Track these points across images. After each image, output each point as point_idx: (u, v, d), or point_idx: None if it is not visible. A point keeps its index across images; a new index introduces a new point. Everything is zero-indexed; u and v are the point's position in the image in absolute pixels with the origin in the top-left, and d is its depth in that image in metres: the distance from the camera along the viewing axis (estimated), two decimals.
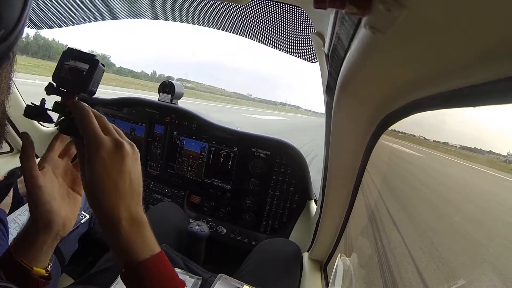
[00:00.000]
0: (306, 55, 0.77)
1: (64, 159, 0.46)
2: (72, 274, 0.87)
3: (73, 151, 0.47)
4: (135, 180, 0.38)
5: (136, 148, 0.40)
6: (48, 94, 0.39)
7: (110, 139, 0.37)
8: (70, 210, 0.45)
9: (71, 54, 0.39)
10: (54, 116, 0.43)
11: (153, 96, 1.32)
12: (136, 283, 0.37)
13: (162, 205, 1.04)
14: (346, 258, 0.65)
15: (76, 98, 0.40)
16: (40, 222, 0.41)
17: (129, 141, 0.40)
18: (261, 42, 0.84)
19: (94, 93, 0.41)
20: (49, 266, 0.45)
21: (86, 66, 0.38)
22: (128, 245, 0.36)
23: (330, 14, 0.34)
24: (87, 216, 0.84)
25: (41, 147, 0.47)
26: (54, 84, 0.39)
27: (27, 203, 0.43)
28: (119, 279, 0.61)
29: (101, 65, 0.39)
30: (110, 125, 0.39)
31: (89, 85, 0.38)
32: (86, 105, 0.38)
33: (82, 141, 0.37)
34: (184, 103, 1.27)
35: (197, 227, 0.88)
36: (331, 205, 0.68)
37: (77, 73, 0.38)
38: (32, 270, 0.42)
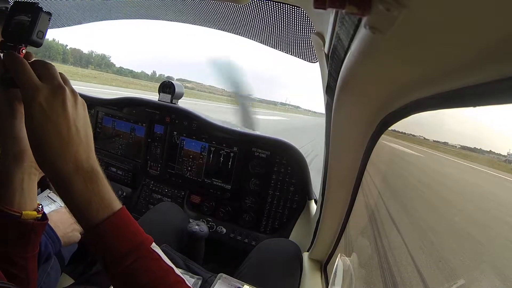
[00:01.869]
0: (306, 55, 0.77)
1: None
2: (72, 274, 0.87)
3: None
4: (82, 129, 0.36)
5: (79, 96, 0.38)
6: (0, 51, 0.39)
7: (47, 85, 0.35)
8: None
9: (18, 8, 0.39)
10: None
11: (153, 96, 1.32)
12: (96, 245, 0.35)
13: (162, 205, 1.04)
14: (346, 258, 0.65)
15: (24, 51, 0.39)
16: (10, 156, 0.40)
17: (72, 88, 0.38)
18: (261, 42, 0.84)
19: (40, 43, 0.39)
20: (39, 206, 0.44)
21: (29, 17, 0.38)
22: (81, 203, 0.34)
23: (330, 14, 0.34)
24: None
25: None
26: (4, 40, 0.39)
27: None
28: None
29: (44, 13, 0.38)
30: (53, 72, 0.36)
31: (32, 34, 0.38)
32: (19, 55, 0.36)
33: None
34: (184, 103, 1.27)
35: (197, 227, 0.88)
36: (331, 205, 0.68)
37: (22, 25, 0.38)
38: (22, 215, 0.40)
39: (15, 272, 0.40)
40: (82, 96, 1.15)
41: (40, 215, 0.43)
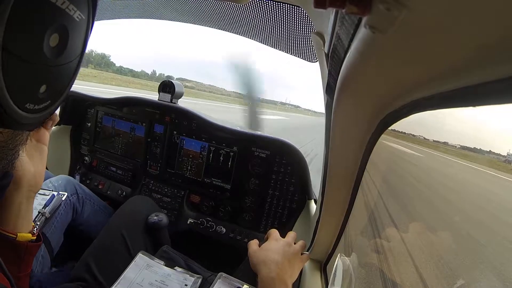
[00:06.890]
0: (306, 55, 0.77)
1: None
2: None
3: None
4: None
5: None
6: None
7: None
8: (40, 161, 0.44)
9: None
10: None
11: (153, 95, 1.32)
12: None
13: (134, 198, 1.02)
14: (346, 258, 0.65)
15: None
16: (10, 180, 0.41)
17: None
18: (261, 41, 0.84)
19: None
20: (34, 228, 0.45)
21: None
22: None
23: (330, 14, 0.34)
24: (66, 194, 0.82)
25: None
26: None
27: None
28: (119, 279, 0.61)
29: None
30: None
31: None
32: None
33: None
34: (184, 102, 1.27)
35: (155, 217, 0.88)
36: (330, 204, 0.68)
37: None
38: (17, 237, 0.41)
39: None
40: (82, 95, 1.16)
41: (35, 237, 0.44)
